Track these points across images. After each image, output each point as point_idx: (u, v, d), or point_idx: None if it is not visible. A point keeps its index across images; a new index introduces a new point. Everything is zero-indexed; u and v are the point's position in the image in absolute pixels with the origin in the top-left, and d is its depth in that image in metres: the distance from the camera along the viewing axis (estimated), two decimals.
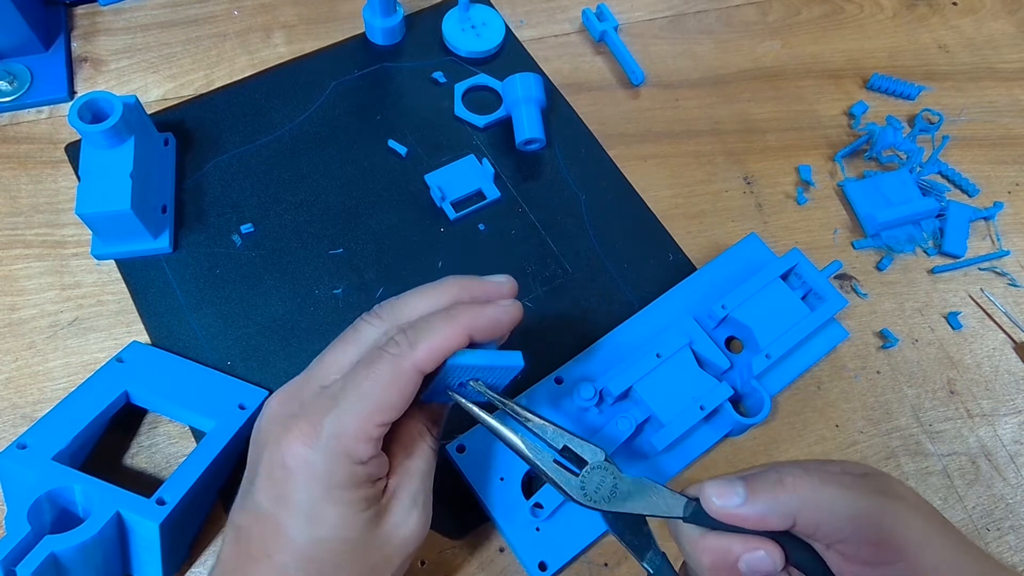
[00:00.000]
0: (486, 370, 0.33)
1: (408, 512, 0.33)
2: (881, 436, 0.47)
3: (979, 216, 0.54)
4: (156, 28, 0.59)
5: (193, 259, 0.49)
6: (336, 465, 0.30)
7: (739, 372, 0.46)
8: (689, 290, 0.49)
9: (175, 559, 0.40)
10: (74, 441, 0.40)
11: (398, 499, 0.33)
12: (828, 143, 0.58)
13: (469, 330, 0.31)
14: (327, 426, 0.30)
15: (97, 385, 0.43)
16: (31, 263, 0.49)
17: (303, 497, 0.30)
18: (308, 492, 0.30)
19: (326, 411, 0.30)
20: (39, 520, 0.36)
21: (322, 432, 0.30)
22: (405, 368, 0.30)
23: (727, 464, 0.45)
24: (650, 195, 0.54)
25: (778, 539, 0.30)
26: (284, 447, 0.31)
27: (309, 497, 0.30)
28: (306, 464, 0.30)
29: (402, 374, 0.30)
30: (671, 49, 0.61)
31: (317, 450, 0.30)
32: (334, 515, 0.30)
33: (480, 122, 0.55)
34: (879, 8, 0.65)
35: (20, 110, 0.54)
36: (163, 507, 0.38)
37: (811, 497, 0.29)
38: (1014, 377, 0.50)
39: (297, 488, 0.30)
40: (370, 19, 0.57)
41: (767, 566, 0.29)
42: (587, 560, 0.42)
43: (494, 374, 0.33)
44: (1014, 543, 0.44)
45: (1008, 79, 0.62)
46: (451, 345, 0.31)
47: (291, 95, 0.56)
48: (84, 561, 0.36)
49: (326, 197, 0.52)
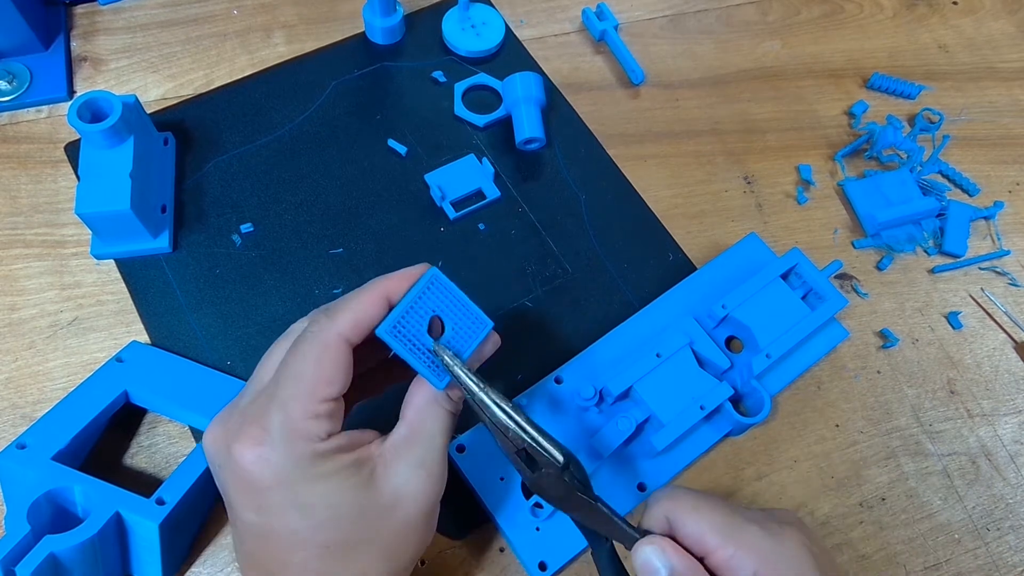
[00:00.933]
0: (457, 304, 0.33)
1: (413, 472, 0.32)
2: (881, 436, 0.47)
3: (979, 216, 0.54)
4: (156, 28, 0.58)
5: (193, 259, 0.49)
6: (296, 452, 0.30)
7: (739, 372, 0.46)
8: (689, 290, 0.49)
9: (175, 559, 0.40)
10: (74, 441, 0.40)
11: (402, 459, 0.32)
12: (828, 143, 0.58)
13: (385, 292, 0.32)
14: (273, 419, 0.30)
15: (97, 385, 0.43)
16: (31, 263, 0.49)
17: (281, 494, 0.30)
18: (283, 487, 0.30)
19: (266, 408, 0.30)
20: (39, 520, 0.36)
21: (270, 427, 0.30)
22: (330, 340, 0.31)
23: (727, 464, 0.45)
24: (650, 195, 0.54)
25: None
26: (238, 458, 0.30)
27: (286, 491, 0.30)
28: (266, 463, 0.30)
29: (328, 346, 0.30)
30: (671, 49, 0.61)
31: (271, 446, 0.30)
32: (320, 495, 0.30)
33: (480, 122, 0.55)
34: (879, 8, 0.65)
35: (20, 110, 0.54)
36: (163, 507, 0.38)
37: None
38: (1014, 377, 0.49)
39: (271, 489, 0.30)
40: (370, 19, 0.57)
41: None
42: (587, 560, 0.42)
43: (464, 317, 0.33)
44: (1014, 543, 0.44)
45: (1008, 79, 0.62)
46: (370, 309, 0.31)
47: (291, 95, 0.56)
48: (84, 561, 0.36)
49: (326, 197, 0.52)
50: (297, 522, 0.30)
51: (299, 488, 0.30)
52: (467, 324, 0.34)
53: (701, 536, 0.31)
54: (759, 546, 0.30)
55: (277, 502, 0.30)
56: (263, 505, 0.30)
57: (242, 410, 0.32)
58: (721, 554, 0.30)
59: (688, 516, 0.31)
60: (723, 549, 0.30)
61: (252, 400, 0.32)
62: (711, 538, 0.31)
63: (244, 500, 0.31)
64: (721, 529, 0.31)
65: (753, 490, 0.45)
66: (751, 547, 0.30)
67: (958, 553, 0.44)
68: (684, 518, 0.31)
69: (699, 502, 0.32)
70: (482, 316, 0.34)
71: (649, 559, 0.30)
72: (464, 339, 0.34)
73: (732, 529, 0.31)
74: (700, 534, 0.31)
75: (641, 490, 0.43)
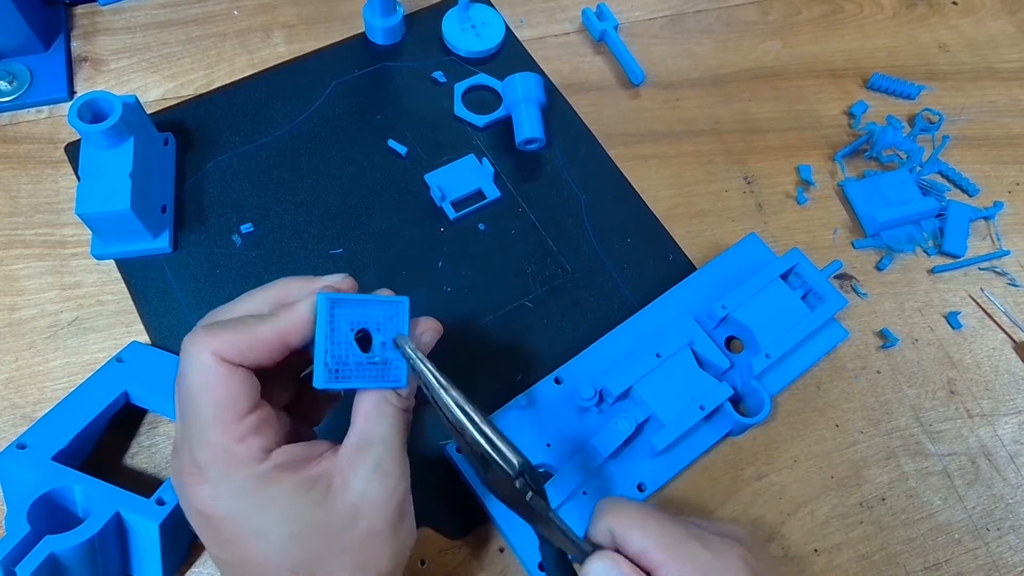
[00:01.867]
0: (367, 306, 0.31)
1: (371, 479, 0.30)
2: (881, 436, 0.47)
3: (979, 216, 0.54)
4: (156, 28, 0.59)
5: (193, 259, 0.49)
6: (236, 482, 0.29)
7: (739, 372, 0.46)
8: (689, 290, 0.49)
9: (175, 559, 0.40)
10: (74, 441, 0.40)
11: (357, 468, 0.31)
12: (828, 143, 0.58)
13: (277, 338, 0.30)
14: (199, 457, 0.29)
15: (97, 385, 0.43)
16: (31, 263, 0.49)
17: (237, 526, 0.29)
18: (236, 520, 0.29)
19: (190, 447, 0.29)
20: (39, 520, 0.36)
21: (202, 465, 0.29)
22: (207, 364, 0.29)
23: (727, 464, 0.45)
24: (650, 195, 0.54)
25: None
26: (191, 499, 0.30)
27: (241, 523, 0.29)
28: (214, 499, 0.29)
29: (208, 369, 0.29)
30: (671, 49, 0.61)
31: (212, 483, 0.29)
32: (274, 522, 0.29)
33: (480, 122, 0.55)
34: (879, 8, 0.65)
35: (20, 110, 0.54)
36: (163, 507, 0.38)
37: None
38: (1014, 377, 0.49)
39: (225, 522, 0.29)
40: (370, 19, 0.57)
41: None
42: None
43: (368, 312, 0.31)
44: (1014, 543, 0.44)
45: (1008, 79, 0.62)
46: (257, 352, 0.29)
47: (291, 95, 0.56)
48: (84, 561, 0.36)
49: (326, 197, 0.52)
50: (260, 550, 0.29)
51: (252, 517, 0.29)
52: (387, 316, 0.32)
53: (645, 552, 0.31)
54: (702, 563, 0.31)
55: (236, 534, 0.29)
56: (224, 539, 0.30)
57: (178, 448, 0.31)
58: (664, 571, 0.30)
59: (633, 531, 0.31)
60: (666, 566, 0.30)
61: (180, 437, 0.30)
62: (655, 554, 0.30)
63: (207, 535, 0.30)
64: (665, 545, 0.31)
65: (753, 490, 0.45)
66: (694, 563, 0.30)
67: (958, 553, 0.44)
68: (629, 533, 0.31)
69: (644, 517, 0.32)
70: (392, 299, 0.32)
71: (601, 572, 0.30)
72: (394, 328, 0.32)
73: (675, 545, 0.31)
74: (644, 550, 0.31)
75: (641, 490, 0.43)
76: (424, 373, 0.31)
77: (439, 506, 0.43)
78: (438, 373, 0.31)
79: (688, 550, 0.31)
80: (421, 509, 0.38)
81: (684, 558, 0.30)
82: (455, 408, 0.31)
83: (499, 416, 0.44)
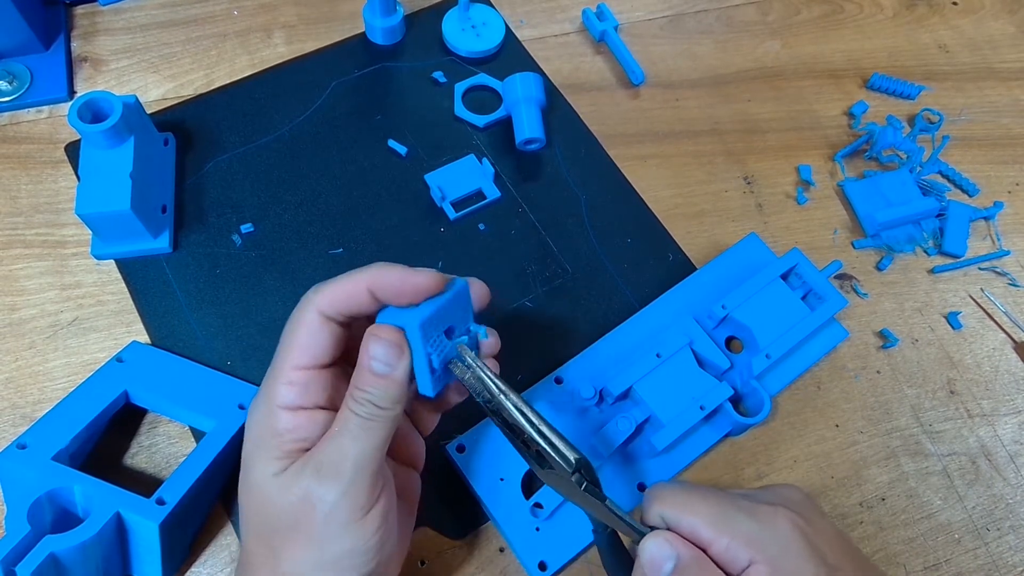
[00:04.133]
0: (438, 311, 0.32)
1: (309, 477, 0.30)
2: (881, 436, 0.47)
3: (979, 216, 0.54)
4: (156, 28, 0.59)
5: (193, 259, 0.49)
6: (265, 411, 0.32)
7: (739, 372, 0.46)
8: (689, 290, 0.49)
9: (175, 559, 0.40)
10: (74, 441, 0.40)
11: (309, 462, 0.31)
12: (828, 143, 0.58)
13: (371, 282, 0.32)
14: (266, 378, 0.33)
15: (97, 385, 0.43)
16: (31, 263, 0.49)
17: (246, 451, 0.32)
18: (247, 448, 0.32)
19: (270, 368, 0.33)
20: (39, 520, 0.36)
21: (264, 385, 0.33)
22: (305, 312, 0.32)
23: (727, 464, 0.45)
24: (650, 195, 0.54)
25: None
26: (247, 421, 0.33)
27: (247, 451, 0.32)
28: (251, 414, 0.33)
29: (303, 317, 0.32)
30: (671, 49, 0.61)
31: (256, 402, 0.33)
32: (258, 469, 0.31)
33: (480, 122, 0.55)
34: (879, 8, 0.65)
35: (20, 110, 0.54)
36: (163, 507, 0.38)
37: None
38: (1014, 377, 0.50)
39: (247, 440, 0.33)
40: (370, 19, 0.57)
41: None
42: (587, 560, 0.42)
43: (449, 311, 0.33)
44: (1014, 543, 0.44)
45: (1008, 79, 0.62)
46: (350, 291, 0.32)
47: (291, 95, 0.56)
48: (84, 561, 0.36)
49: (326, 197, 0.52)
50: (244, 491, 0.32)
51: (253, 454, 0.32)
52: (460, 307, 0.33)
53: (695, 531, 0.32)
54: (750, 534, 0.31)
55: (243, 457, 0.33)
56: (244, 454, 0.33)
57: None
58: (716, 547, 0.31)
59: (682, 513, 0.32)
60: (717, 542, 0.31)
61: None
62: (704, 532, 0.31)
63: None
64: (713, 522, 0.31)
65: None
66: (743, 536, 0.31)
67: (958, 553, 0.44)
68: (679, 515, 0.32)
69: (691, 497, 0.33)
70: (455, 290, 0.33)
71: (655, 551, 0.31)
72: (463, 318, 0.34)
73: (724, 520, 0.31)
74: (693, 529, 0.32)
75: (641, 490, 0.43)
76: (484, 379, 0.33)
77: (439, 506, 0.43)
78: (498, 379, 0.33)
79: (736, 524, 0.31)
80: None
81: (733, 532, 0.31)
82: (514, 411, 0.33)
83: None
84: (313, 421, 0.32)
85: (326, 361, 0.32)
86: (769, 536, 0.31)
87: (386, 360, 0.31)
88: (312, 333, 0.32)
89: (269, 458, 0.31)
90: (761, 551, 0.31)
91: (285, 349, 0.32)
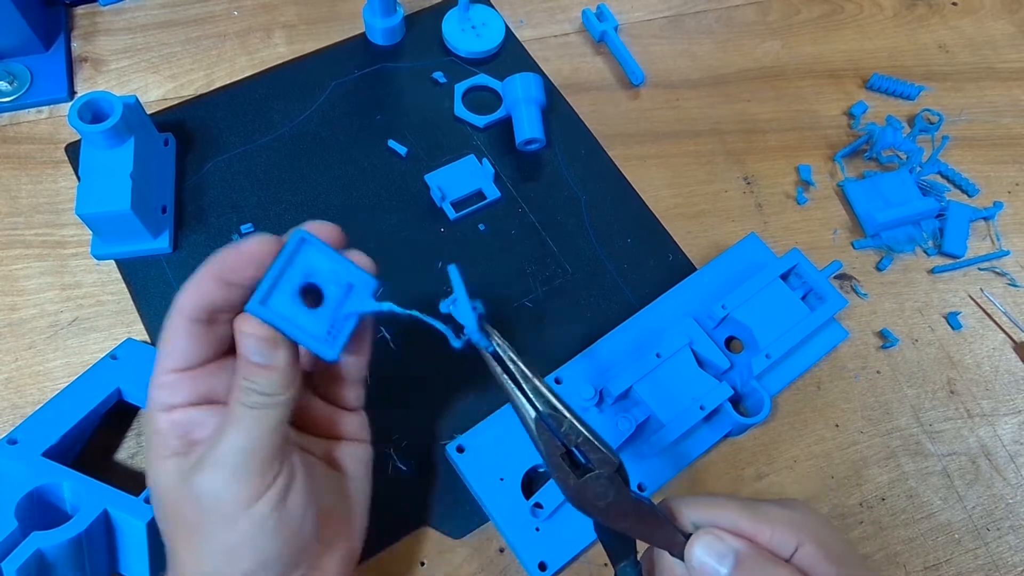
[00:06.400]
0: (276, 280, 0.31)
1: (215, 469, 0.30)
2: (881, 436, 0.47)
3: (979, 216, 0.54)
4: (156, 28, 0.59)
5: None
6: (147, 416, 0.32)
7: (739, 372, 0.46)
8: (689, 290, 0.49)
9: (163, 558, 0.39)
10: (65, 437, 0.40)
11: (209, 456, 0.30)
12: (828, 143, 0.58)
13: (215, 271, 0.31)
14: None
15: (90, 382, 0.42)
16: (31, 263, 0.49)
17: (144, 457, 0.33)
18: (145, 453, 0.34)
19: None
20: (27, 516, 0.36)
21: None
22: (170, 316, 0.31)
23: (727, 464, 0.45)
24: (650, 195, 0.54)
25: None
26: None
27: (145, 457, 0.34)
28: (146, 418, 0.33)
29: (168, 321, 0.31)
30: (671, 49, 0.61)
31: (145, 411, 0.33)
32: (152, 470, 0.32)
33: (480, 122, 0.55)
34: (879, 8, 0.65)
35: (20, 110, 0.54)
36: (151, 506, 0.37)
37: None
38: (1014, 377, 0.50)
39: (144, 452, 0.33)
40: (370, 19, 0.57)
41: None
42: (587, 560, 0.42)
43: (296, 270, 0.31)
44: (1014, 543, 0.44)
45: (1008, 79, 0.62)
46: (201, 288, 0.31)
47: (291, 95, 0.56)
48: (71, 558, 0.36)
49: (326, 197, 0.52)
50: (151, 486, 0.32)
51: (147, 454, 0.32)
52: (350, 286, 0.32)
53: (736, 526, 0.31)
54: (791, 519, 0.31)
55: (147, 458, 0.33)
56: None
57: None
58: (762, 537, 0.30)
59: (719, 513, 0.31)
60: (761, 532, 0.30)
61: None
62: (746, 525, 0.30)
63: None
64: (750, 515, 0.31)
65: (753, 490, 0.45)
66: (784, 522, 0.31)
67: (958, 553, 0.44)
68: (711, 517, 0.31)
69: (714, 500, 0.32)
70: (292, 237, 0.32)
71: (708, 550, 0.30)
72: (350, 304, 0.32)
73: (759, 512, 0.31)
74: (734, 525, 0.31)
75: (641, 490, 0.43)
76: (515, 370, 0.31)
77: (439, 506, 0.43)
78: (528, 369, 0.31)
79: (772, 513, 0.31)
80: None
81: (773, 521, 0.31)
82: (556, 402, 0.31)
83: (500, 415, 0.44)
84: (189, 418, 0.31)
85: (198, 360, 0.32)
86: (809, 519, 0.31)
87: (261, 353, 0.31)
88: (176, 336, 0.31)
89: (158, 458, 0.31)
90: (807, 532, 0.30)
91: (158, 354, 0.32)
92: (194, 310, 0.31)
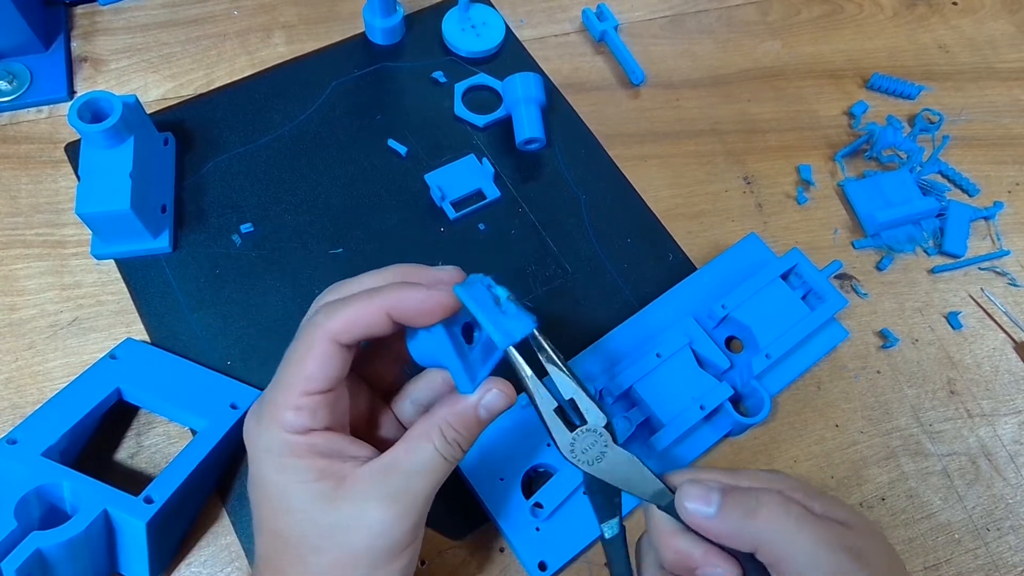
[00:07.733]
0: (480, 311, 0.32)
1: (377, 504, 0.30)
2: (881, 436, 0.47)
3: (979, 216, 0.54)
4: (156, 28, 0.59)
5: (193, 259, 0.49)
6: (270, 436, 0.31)
7: (739, 372, 0.46)
8: (689, 290, 0.49)
9: (163, 557, 0.40)
10: (64, 437, 0.40)
11: (370, 486, 0.31)
12: (828, 143, 0.58)
13: (387, 308, 0.31)
14: (266, 399, 0.32)
15: (89, 381, 0.42)
16: (31, 263, 0.49)
17: (255, 467, 0.32)
18: (255, 462, 0.32)
19: (268, 390, 0.32)
20: (26, 516, 0.36)
21: (262, 405, 0.32)
22: (318, 338, 0.30)
23: (726, 464, 0.45)
24: (650, 195, 0.54)
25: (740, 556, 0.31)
26: (244, 429, 0.32)
27: (257, 467, 0.31)
28: (252, 434, 0.32)
29: (315, 344, 0.30)
30: (671, 49, 0.61)
31: (258, 422, 0.31)
32: (276, 484, 0.31)
33: (480, 122, 0.55)
34: (879, 8, 0.65)
35: (20, 110, 0.54)
36: (151, 505, 0.37)
37: (780, 534, 0.30)
38: (1014, 377, 0.49)
39: (251, 459, 0.32)
40: (370, 19, 0.57)
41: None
42: (587, 560, 0.42)
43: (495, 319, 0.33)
44: (1014, 543, 0.44)
45: (1008, 79, 0.62)
46: (368, 318, 0.31)
47: (291, 95, 0.56)
48: (71, 558, 0.36)
49: (326, 197, 0.52)
50: (265, 503, 0.31)
51: (264, 470, 0.31)
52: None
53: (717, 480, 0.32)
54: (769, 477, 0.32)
55: (256, 476, 0.32)
56: (252, 477, 0.32)
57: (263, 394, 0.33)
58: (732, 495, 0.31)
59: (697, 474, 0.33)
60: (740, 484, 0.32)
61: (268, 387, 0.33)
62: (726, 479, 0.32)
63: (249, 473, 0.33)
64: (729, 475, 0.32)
65: None
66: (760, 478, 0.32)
67: (958, 553, 0.44)
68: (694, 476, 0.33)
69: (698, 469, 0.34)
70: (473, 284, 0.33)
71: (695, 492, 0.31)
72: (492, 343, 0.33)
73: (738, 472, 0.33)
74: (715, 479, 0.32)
75: None
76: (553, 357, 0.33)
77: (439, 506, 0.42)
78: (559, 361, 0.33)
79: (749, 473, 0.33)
80: None
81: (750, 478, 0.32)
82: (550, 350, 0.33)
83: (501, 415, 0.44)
84: (327, 442, 0.31)
85: (333, 385, 0.31)
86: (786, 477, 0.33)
87: (492, 413, 0.32)
88: (323, 361, 0.30)
89: (297, 481, 0.30)
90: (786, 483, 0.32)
91: (293, 373, 0.31)
92: (349, 337, 0.31)
